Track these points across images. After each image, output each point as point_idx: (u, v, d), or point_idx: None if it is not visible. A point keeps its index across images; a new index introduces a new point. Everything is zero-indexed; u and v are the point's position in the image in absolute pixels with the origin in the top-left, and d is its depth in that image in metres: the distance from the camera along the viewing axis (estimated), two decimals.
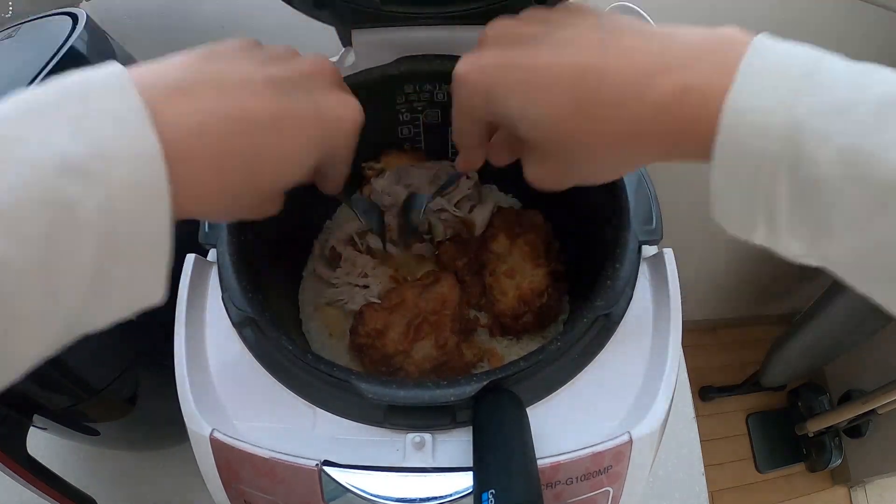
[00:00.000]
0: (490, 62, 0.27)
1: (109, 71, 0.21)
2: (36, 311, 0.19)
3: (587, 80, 0.24)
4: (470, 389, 0.31)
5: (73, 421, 0.45)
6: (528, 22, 0.28)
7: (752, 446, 1.47)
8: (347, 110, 0.28)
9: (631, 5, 0.46)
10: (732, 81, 0.21)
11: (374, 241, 0.50)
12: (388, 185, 0.50)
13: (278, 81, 0.25)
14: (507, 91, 0.26)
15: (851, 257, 0.21)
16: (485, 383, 0.32)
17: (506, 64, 0.26)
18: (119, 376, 0.43)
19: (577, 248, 0.49)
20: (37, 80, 0.37)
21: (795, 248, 0.23)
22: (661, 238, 0.38)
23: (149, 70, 0.23)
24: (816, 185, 0.20)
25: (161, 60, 0.24)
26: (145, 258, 0.21)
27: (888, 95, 0.19)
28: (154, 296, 0.23)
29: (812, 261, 0.23)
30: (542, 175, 0.29)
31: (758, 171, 0.21)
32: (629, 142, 0.25)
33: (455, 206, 0.51)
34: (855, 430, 1.33)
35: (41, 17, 0.46)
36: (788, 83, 0.21)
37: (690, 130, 0.23)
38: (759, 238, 0.24)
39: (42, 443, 0.56)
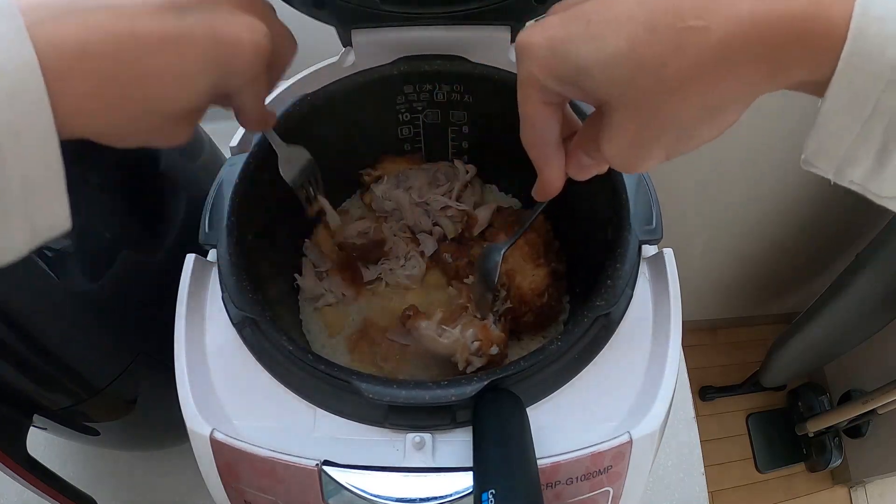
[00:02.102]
0: (552, 22, 0.25)
1: None
2: None
3: (642, 19, 0.21)
4: (470, 389, 0.31)
5: (73, 421, 0.45)
6: None
7: (752, 446, 1.47)
8: (246, 32, 0.27)
9: None
10: None
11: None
12: (388, 189, 0.50)
13: (177, 4, 0.25)
14: (573, 42, 0.23)
15: None
16: (485, 383, 0.32)
17: (568, 18, 0.24)
18: (119, 376, 0.43)
19: (577, 248, 0.49)
20: None
21: (891, 187, 0.21)
22: (661, 238, 0.38)
23: None
24: None
25: None
26: (36, 175, 0.21)
27: None
28: (57, 220, 0.23)
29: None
30: (625, 146, 0.25)
31: (887, 89, 0.19)
32: (724, 64, 0.21)
33: (457, 200, 0.51)
34: (855, 430, 1.33)
35: None
36: None
37: (808, 40, 0.20)
38: (858, 174, 0.22)
39: (42, 443, 0.56)
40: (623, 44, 0.22)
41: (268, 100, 0.42)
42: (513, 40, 0.45)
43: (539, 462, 0.30)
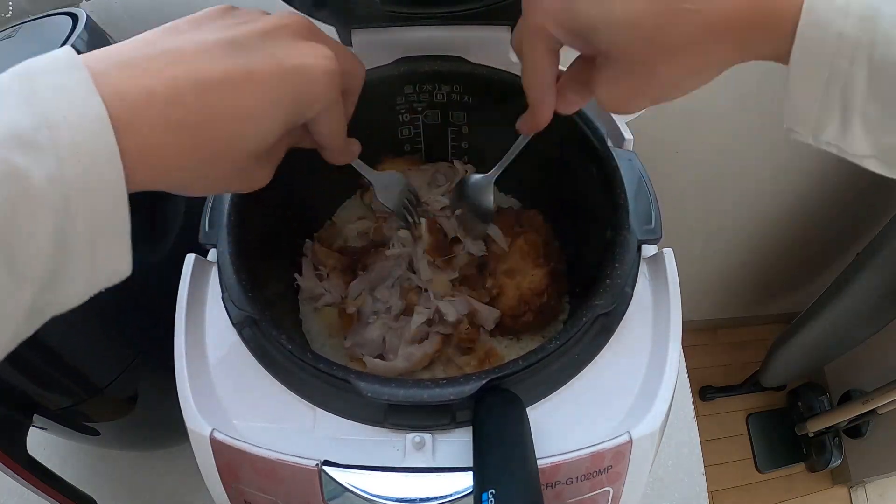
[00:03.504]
0: None
1: (57, 52, 0.21)
2: (1, 291, 0.19)
3: None
4: (469, 389, 0.31)
5: (73, 421, 0.45)
6: None
7: (752, 446, 1.47)
8: (312, 58, 0.26)
9: None
10: None
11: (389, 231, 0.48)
12: None
13: (235, 42, 0.24)
14: (583, 2, 0.26)
15: None
16: (484, 383, 0.32)
17: None
18: (119, 376, 0.43)
19: (577, 248, 0.49)
20: None
21: (864, 145, 0.24)
22: (661, 238, 0.38)
23: (102, 50, 0.23)
24: (893, 67, 0.21)
25: (120, 43, 0.24)
26: (104, 227, 0.21)
27: None
28: (119, 269, 0.22)
29: (873, 163, 0.25)
30: (618, 94, 0.28)
31: (837, 55, 0.22)
32: (709, 40, 0.25)
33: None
34: (855, 430, 1.33)
35: (41, 17, 0.46)
36: None
37: (771, 22, 0.24)
38: (830, 135, 0.25)
39: (42, 443, 0.56)
40: (629, 10, 0.25)
41: None
42: (513, 40, 0.45)
43: (539, 462, 0.30)
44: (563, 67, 0.32)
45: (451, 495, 0.31)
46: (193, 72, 0.23)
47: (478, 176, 0.45)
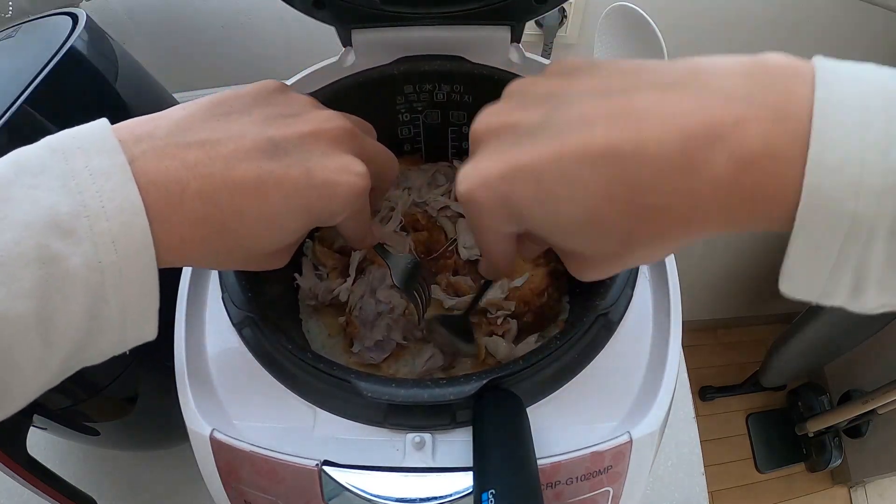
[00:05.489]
0: (491, 173, 0.23)
1: (94, 126, 0.22)
2: (33, 358, 0.20)
3: (613, 165, 0.20)
4: (469, 388, 0.31)
5: (73, 421, 0.45)
6: (519, 104, 0.24)
7: (752, 446, 1.47)
8: (344, 175, 0.26)
9: (631, 6, 0.46)
10: (808, 132, 0.17)
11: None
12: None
13: (273, 144, 0.25)
14: (523, 203, 0.22)
15: None
16: (484, 383, 0.32)
17: (509, 170, 0.22)
18: (119, 376, 0.43)
19: None
20: (37, 81, 0.37)
21: (875, 304, 0.20)
22: None
23: (140, 125, 0.23)
24: None
25: (161, 114, 0.25)
26: (134, 304, 0.22)
27: None
28: (146, 334, 0.24)
29: (884, 309, 0.21)
30: (586, 272, 0.26)
31: (850, 235, 0.18)
32: (683, 226, 0.21)
33: (456, 201, 0.51)
34: (855, 430, 1.33)
35: (41, 17, 0.46)
36: (873, 120, 0.17)
37: (762, 201, 0.19)
38: (838, 301, 0.21)
39: (42, 443, 0.56)
40: (581, 213, 0.21)
41: None
42: (513, 40, 0.45)
43: (539, 462, 0.30)
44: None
45: (451, 495, 0.31)
46: (229, 172, 0.23)
47: (452, 315, 0.43)
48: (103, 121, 0.22)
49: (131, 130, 0.23)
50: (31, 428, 0.40)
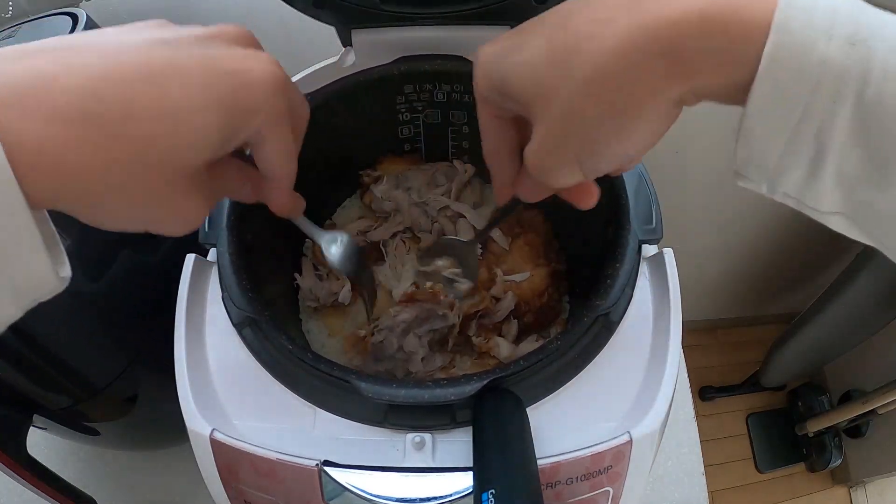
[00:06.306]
0: (501, 37, 0.25)
1: None
2: None
3: (560, 22, 0.22)
4: (469, 389, 0.31)
5: (73, 421, 0.45)
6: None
7: (752, 446, 1.47)
8: (254, 62, 0.22)
9: None
10: None
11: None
12: (387, 189, 0.50)
13: (164, 40, 0.21)
14: (504, 53, 0.24)
15: None
16: (485, 383, 0.32)
17: (514, 31, 0.24)
18: (119, 376, 0.43)
19: (577, 248, 0.49)
20: None
21: (831, 200, 0.19)
22: (661, 238, 0.38)
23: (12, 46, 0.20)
24: (886, 110, 0.16)
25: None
26: (15, 248, 0.18)
27: None
28: (40, 277, 0.20)
29: (838, 220, 0.20)
30: (539, 150, 0.24)
31: (816, 89, 0.17)
32: (620, 70, 0.20)
33: (456, 200, 0.51)
34: (855, 430, 1.33)
35: (41, 17, 0.46)
36: None
37: (712, 43, 0.18)
38: (790, 185, 0.20)
39: (42, 443, 0.56)
40: (536, 48, 0.22)
41: None
42: None
43: (539, 462, 0.30)
44: None
45: (451, 495, 0.31)
46: (113, 60, 0.19)
47: (462, 239, 0.42)
48: None
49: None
50: (31, 428, 0.41)
